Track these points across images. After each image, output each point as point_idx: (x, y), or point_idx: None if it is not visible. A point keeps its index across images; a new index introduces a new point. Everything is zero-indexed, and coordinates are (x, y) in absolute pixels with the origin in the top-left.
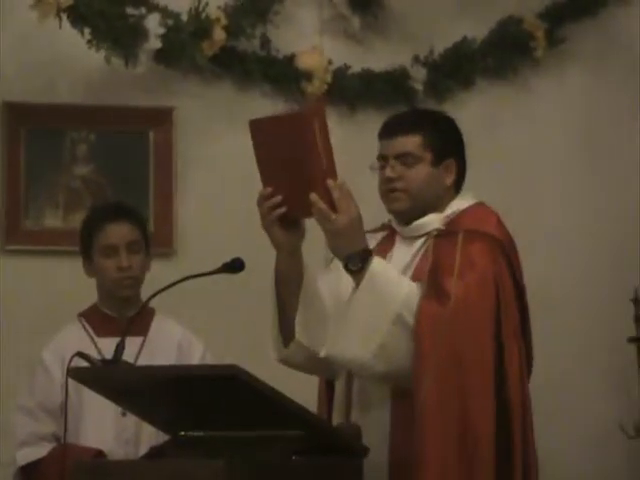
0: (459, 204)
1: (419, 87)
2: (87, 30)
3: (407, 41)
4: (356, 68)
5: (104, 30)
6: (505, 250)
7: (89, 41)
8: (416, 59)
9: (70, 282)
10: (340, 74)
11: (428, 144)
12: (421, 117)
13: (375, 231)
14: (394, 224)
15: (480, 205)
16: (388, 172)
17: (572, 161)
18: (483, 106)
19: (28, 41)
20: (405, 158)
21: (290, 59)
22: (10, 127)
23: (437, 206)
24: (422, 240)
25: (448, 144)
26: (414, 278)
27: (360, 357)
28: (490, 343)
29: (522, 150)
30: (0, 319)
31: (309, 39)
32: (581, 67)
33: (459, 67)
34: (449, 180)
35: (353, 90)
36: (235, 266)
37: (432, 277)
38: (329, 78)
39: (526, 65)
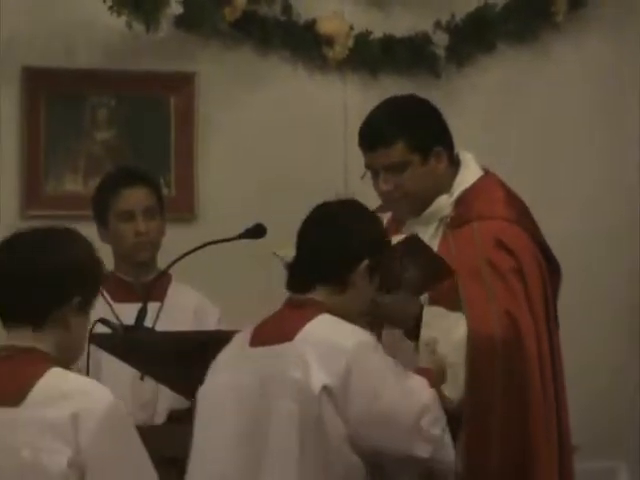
0: (464, 180)
1: (440, 52)
2: None
3: (428, 6)
4: (377, 34)
5: None
6: (521, 227)
7: (110, 7)
8: (437, 24)
9: None
10: (361, 40)
11: (412, 146)
12: (398, 119)
13: (381, 210)
14: None
15: (485, 178)
16: (382, 186)
17: (591, 125)
18: (504, 71)
19: (49, 6)
20: (395, 167)
21: (311, 24)
22: (30, 92)
23: (441, 190)
24: (435, 224)
25: (430, 135)
26: None
27: None
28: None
29: (542, 114)
30: None
31: (330, 4)
32: (601, 32)
33: (480, 32)
34: (442, 166)
35: (374, 56)
36: (257, 232)
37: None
38: (350, 44)
39: (547, 29)
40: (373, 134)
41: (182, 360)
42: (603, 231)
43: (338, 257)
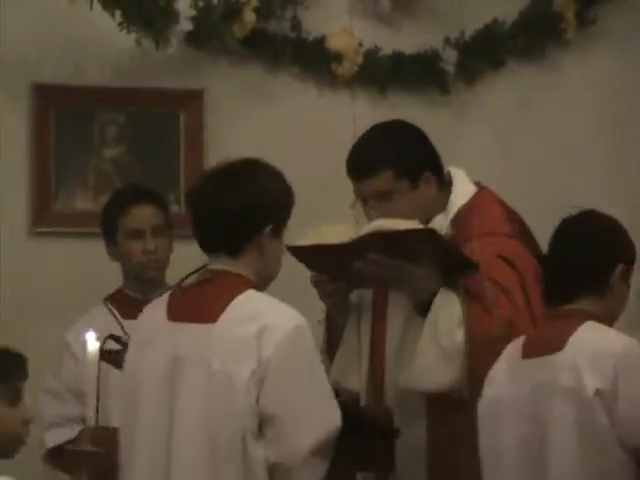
0: (458, 198)
1: (450, 69)
2: (118, 12)
3: (437, 23)
4: (387, 50)
5: (135, 12)
6: (522, 242)
7: (120, 23)
8: (447, 41)
9: (100, 264)
10: (370, 56)
11: (400, 174)
12: (383, 147)
13: None
14: None
15: (480, 194)
16: (372, 215)
17: (600, 142)
18: (513, 87)
19: (59, 23)
20: (382, 195)
21: (320, 41)
22: (40, 109)
23: (435, 211)
24: None
25: (417, 161)
26: None
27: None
28: None
29: (551, 130)
30: (29, 301)
31: (339, 21)
32: (610, 48)
33: (489, 49)
34: (432, 191)
35: (384, 72)
36: None
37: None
38: (359, 60)
39: (556, 46)
40: (359, 164)
41: None
42: None
43: (596, 265)
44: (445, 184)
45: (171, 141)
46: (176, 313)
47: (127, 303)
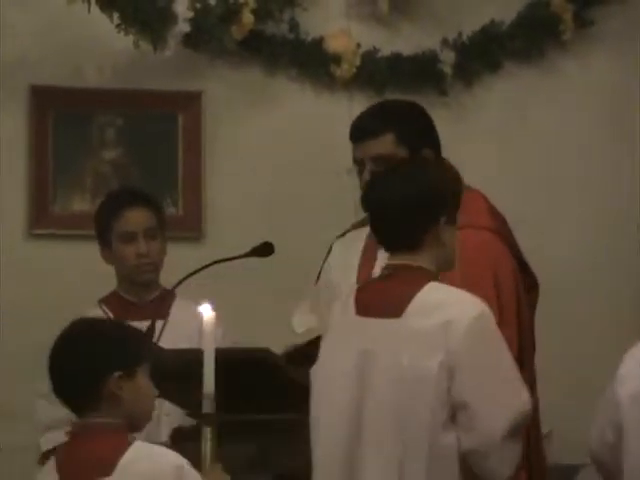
0: None
1: (448, 70)
2: (116, 14)
3: (435, 24)
4: (384, 51)
5: (133, 14)
6: (502, 238)
7: (118, 25)
8: (445, 42)
9: (97, 266)
10: (368, 57)
11: (401, 140)
12: (389, 113)
13: (359, 226)
14: None
15: (467, 192)
16: (366, 176)
17: (598, 144)
18: (511, 88)
19: (57, 25)
20: (381, 159)
21: (318, 42)
22: (38, 111)
23: None
24: None
25: (420, 135)
26: None
27: None
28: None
29: (549, 131)
30: (27, 303)
31: (337, 22)
32: (608, 50)
33: (487, 50)
34: None
35: (381, 74)
36: (265, 250)
37: None
38: (357, 61)
39: (554, 48)
40: (363, 125)
41: (191, 378)
42: (608, 243)
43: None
44: None
45: (169, 143)
46: (363, 308)
47: (121, 305)
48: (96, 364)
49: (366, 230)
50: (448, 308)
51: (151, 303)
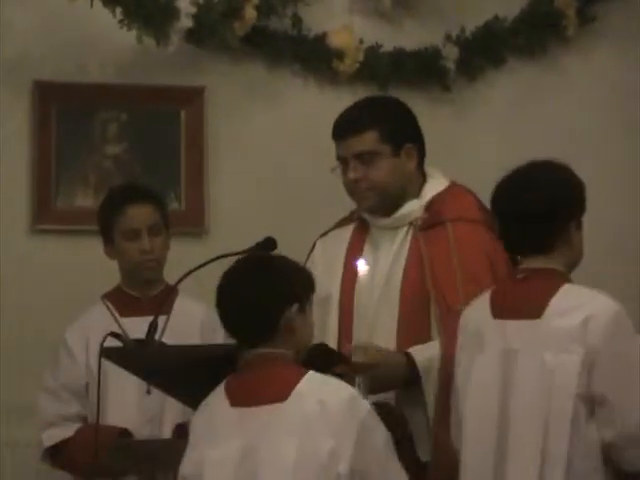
0: (433, 188)
1: (451, 66)
2: (118, 9)
3: (438, 20)
4: (387, 47)
5: (135, 9)
6: (493, 230)
7: (120, 20)
8: (448, 38)
9: (100, 262)
10: (371, 53)
11: (384, 136)
12: (372, 110)
13: (343, 224)
14: (367, 215)
15: (453, 187)
16: (350, 175)
17: (602, 140)
18: (514, 84)
19: (59, 21)
20: (364, 157)
21: (321, 38)
22: (41, 106)
23: (409, 192)
24: (405, 229)
25: (404, 130)
26: (406, 272)
27: None
28: None
29: (551, 128)
30: (30, 299)
31: (340, 18)
32: (611, 45)
33: (490, 46)
34: (412, 165)
35: (384, 69)
36: (268, 245)
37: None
38: (360, 57)
39: (557, 43)
40: (346, 121)
41: (193, 374)
42: (611, 240)
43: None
44: (421, 175)
45: (172, 138)
46: (501, 311)
47: (125, 301)
48: (277, 298)
49: (350, 228)
50: (586, 307)
51: (154, 299)
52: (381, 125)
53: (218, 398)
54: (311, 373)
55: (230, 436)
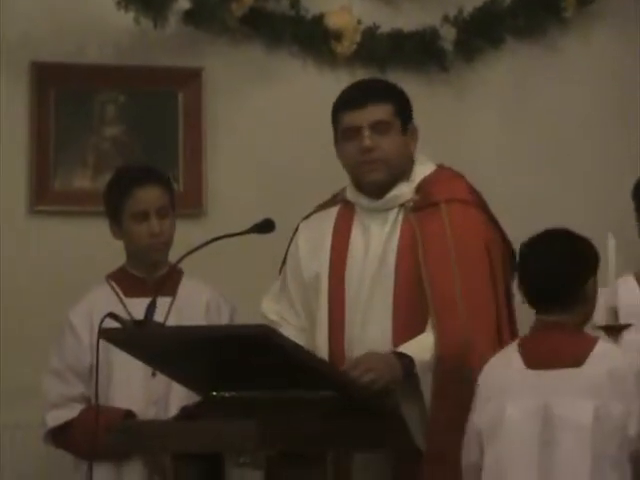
0: (422, 171)
1: (449, 47)
2: None
3: (436, 1)
4: (385, 28)
5: None
6: (485, 211)
7: (118, 2)
8: (445, 19)
9: (99, 243)
10: (369, 34)
11: (397, 111)
12: (387, 84)
13: (326, 207)
14: (353, 197)
15: (442, 169)
16: (367, 142)
17: (600, 121)
18: (512, 65)
19: (58, 2)
20: (380, 126)
21: (319, 19)
22: (39, 88)
23: (404, 175)
24: (395, 211)
25: (410, 112)
26: (400, 253)
27: None
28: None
29: (550, 109)
30: (29, 280)
31: None
32: (610, 27)
33: (489, 27)
34: (413, 147)
35: (382, 50)
36: (265, 227)
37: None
38: (358, 38)
39: (555, 25)
40: (366, 91)
41: (192, 355)
42: (612, 220)
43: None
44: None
45: (170, 120)
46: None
47: (130, 282)
48: (584, 269)
49: (334, 210)
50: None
51: (159, 280)
52: (395, 99)
53: (510, 359)
54: (602, 342)
55: (528, 395)
